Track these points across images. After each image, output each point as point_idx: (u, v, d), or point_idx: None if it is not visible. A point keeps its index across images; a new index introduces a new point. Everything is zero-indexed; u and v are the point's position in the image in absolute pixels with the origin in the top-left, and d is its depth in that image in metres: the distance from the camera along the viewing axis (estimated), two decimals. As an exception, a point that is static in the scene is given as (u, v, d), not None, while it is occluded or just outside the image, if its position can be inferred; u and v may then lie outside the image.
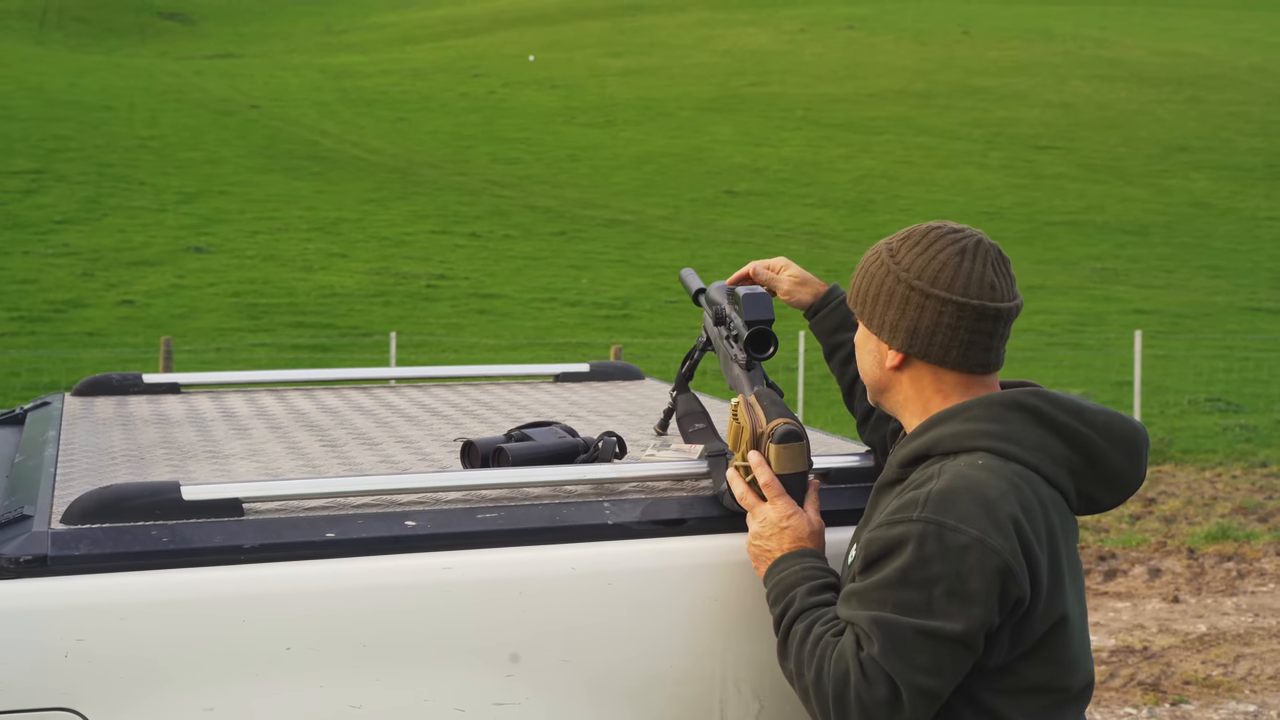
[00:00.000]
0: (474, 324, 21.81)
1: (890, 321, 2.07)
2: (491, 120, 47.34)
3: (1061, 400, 2.04)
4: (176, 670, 1.93)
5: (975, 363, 2.06)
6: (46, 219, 28.98)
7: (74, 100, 45.42)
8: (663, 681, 2.13)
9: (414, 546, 2.05)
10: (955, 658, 1.90)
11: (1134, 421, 2.09)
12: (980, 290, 2.02)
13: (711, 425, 2.51)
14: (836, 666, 1.93)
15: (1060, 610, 1.97)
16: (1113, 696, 6.42)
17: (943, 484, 1.94)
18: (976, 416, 2.01)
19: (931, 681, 1.90)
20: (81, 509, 1.99)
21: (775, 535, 2.11)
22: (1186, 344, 21.02)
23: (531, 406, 3.19)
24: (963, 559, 1.88)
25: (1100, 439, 2.03)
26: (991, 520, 1.89)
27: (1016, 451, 1.98)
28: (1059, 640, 1.98)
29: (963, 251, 2.03)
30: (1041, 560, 1.93)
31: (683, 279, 2.74)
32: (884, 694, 1.90)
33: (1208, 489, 11.57)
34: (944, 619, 1.88)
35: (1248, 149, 46.05)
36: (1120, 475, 2.05)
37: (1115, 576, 8.67)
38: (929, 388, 2.08)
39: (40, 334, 19.66)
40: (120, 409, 3.10)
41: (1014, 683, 1.97)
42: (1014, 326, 2.11)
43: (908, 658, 1.89)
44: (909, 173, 40.92)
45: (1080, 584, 2.07)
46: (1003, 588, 1.89)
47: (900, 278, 2.05)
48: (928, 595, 1.89)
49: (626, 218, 33.76)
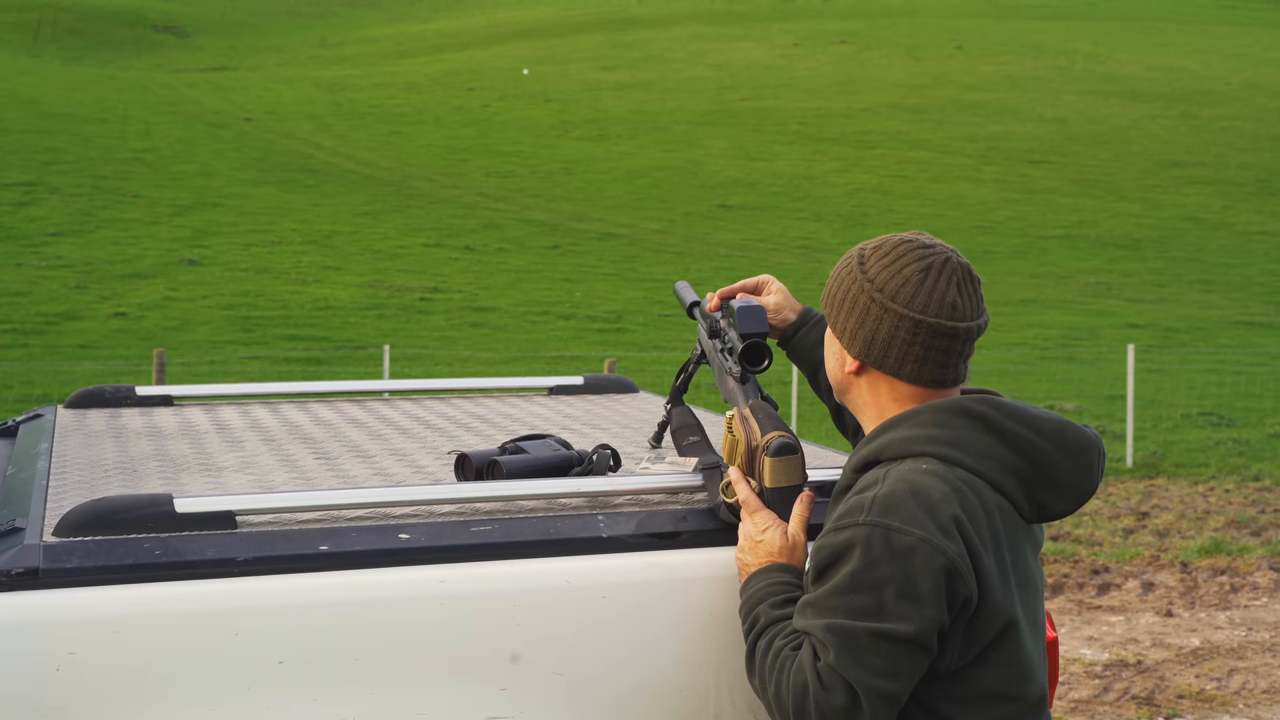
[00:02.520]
0: (467, 337, 21.79)
1: (850, 328, 2.10)
2: (485, 134, 47.38)
3: (1011, 408, 2.05)
4: (169, 683, 1.92)
5: (930, 378, 2.07)
6: (39, 231, 28.94)
7: (68, 113, 45.40)
8: (656, 694, 2.12)
9: (408, 559, 2.04)
10: (911, 659, 1.92)
11: (1086, 430, 2.09)
12: (940, 309, 2.03)
13: (706, 438, 2.51)
14: (795, 679, 1.95)
15: (1008, 614, 1.97)
16: (1106, 711, 6.41)
17: (887, 488, 1.96)
18: (925, 422, 2.03)
19: (889, 684, 1.91)
20: (74, 521, 1.98)
21: (750, 549, 2.13)
22: (1179, 358, 21.04)
23: (526, 419, 3.19)
24: (910, 560, 1.90)
25: (1049, 446, 2.04)
26: (935, 521, 1.91)
27: (962, 457, 1.99)
28: (1010, 645, 1.98)
29: (928, 269, 2.05)
30: (987, 562, 1.94)
31: (677, 292, 2.74)
32: (842, 701, 1.91)
33: (1200, 503, 11.58)
34: (896, 621, 1.90)
35: (1239, 164, 46.17)
36: (1069, 483, 2.05)
37: (1108, 590, 8.66)
38: (885, 395, 2.11)
39: (33, 346, 19.62)
40: (113, 421, 3.09)
41: (968, 690, 1.97)
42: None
43: (863, 662, 1.90)
44: (902, 187, 40.98)
45: (1034, 594, 2.07)
46: (950, 587, 1.91)
47: (864, 288, 2.08)
48: (878, 598, 1.90)
49: (620, 231, 33.77)
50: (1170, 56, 68.26)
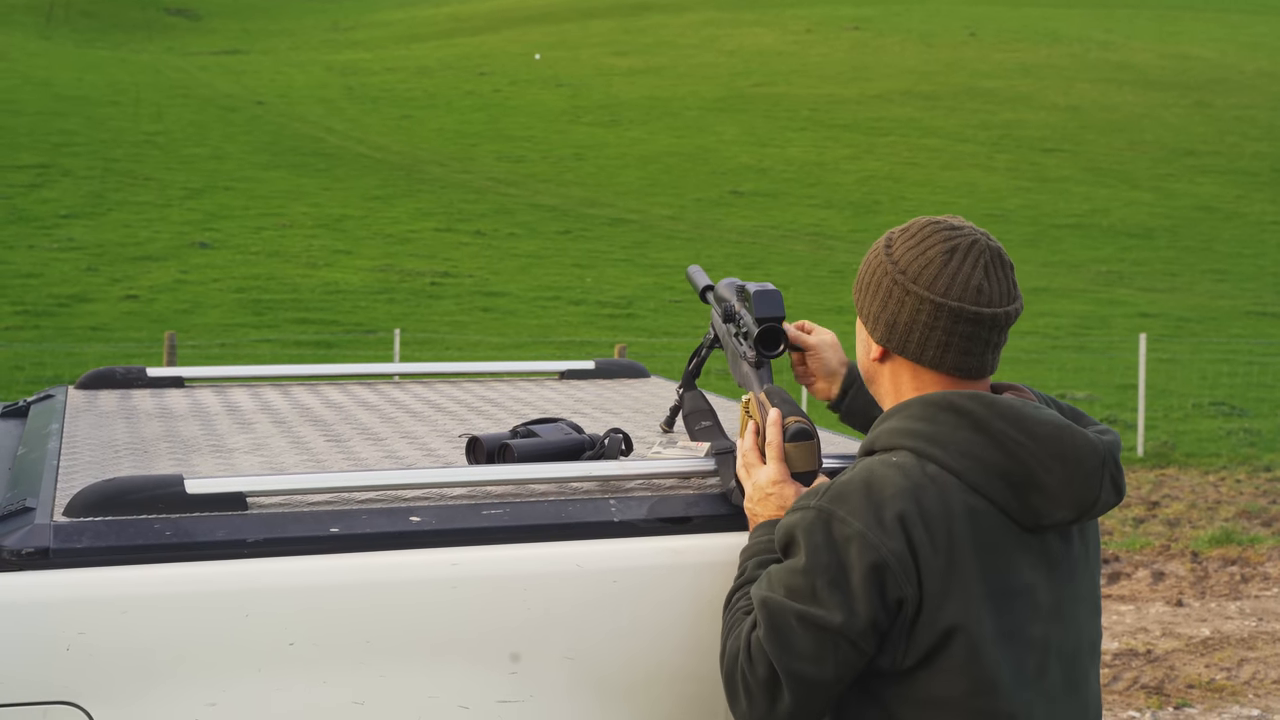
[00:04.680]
0: (478, 322, 21.80)
1: (874, 312, 2.06)
2: (497, 118, 47.34)
3: (1003, 405, 1.95)
4: (179, 664, 1.91)
5: (954, 365, 2.01)
6: (52, 213, 28.99)
7: (80, 95, 45.44)
8: (667, 679, 2.12)
9: (418, 542, 2.03)
10: (836, 649, 1.88)
11: (1089, 438, 1.97)
12: (963, 292, 1.97)
13: (718, 423, 2.50)
14: (733, 644, 1.96)
15: (955, 620, 1.87)
16: (1116, 699, 6.40)
17: (847, 476, 1.95)
18: (912, 415, 1.99)
19: (811, 670, 1.88)
20: (84, 502, 1.98)
21: (762, 500, 2.11)
22: (1191, 348, 20.99)
23: (537, 403, 3.18)
24: (846, 550, 1.88)
25: (1041, 450, 1.92)
26: (876, 516, 1.87)
27: (937, 454, 1.93)
28: (961, 654, 1.87)
29: (952, 250, 2.00)
30: (934, 564, 1.87)
31: (690, 276, 2.73)
32: (763, 675, 1.90)
33: (1211, 493, 11.56)
34: (825, 608, 1.87)
35: (1254, 153, 46.00)
36: (1063, 491, 1.93)
37: (1119, 580, 8.65)
38: (907, 384, 2.06)
39: (44, 328, 19.67)
40: (124, 402, 3.09)
41: (918, 693, 1.91)
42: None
43: (786, 643, 1.89)
44: (914, 174, 40.89)
45: (1026, 607, 1.94)
46: (881, 584, 1.86)
47: (888, 270, 2.04)
48: (813, 583, 1.89)
49: (631, 217, 33.75)
50: (1185, 45, 67.98)
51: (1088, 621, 2.06)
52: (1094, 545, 2.10)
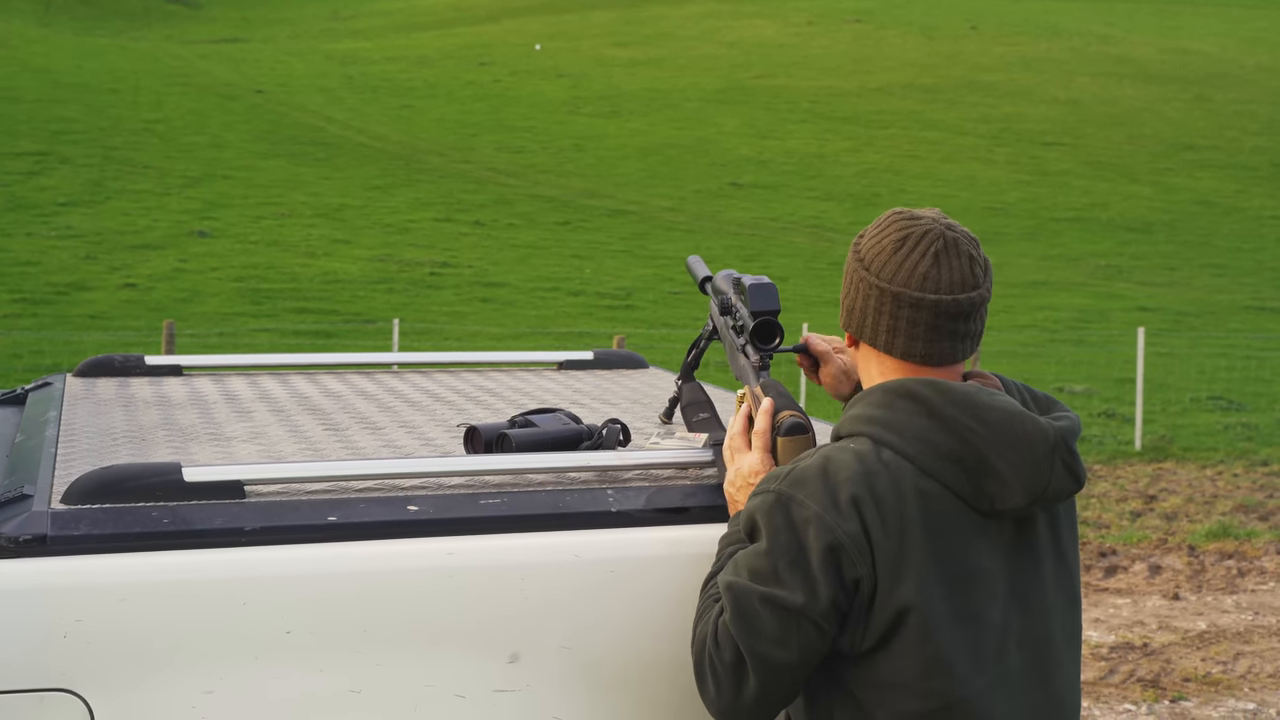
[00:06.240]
0: (477, 312, 21.79)
1: (842, 300, 2.13)
2: (497, 109, 47.28)
3: (956, 392, 1.97)
4: (176, 652, 1.92)
5: (911, 352, 2.03)
6: (50, 201, 28.95)
7: (79, 83, 45.37)
8: (664, 669, 2.12)
9: (416, 531, 2.04)
10: (800, 630, 1.90)
11: (1040, 424, 1.98)
12: (908, 278, 2.00)
13: (716, 415, 2.50)
14: (701, 630, 1.98)
15: (907, 601, 1.89)
16: (1112, 693, 6.41)
17: (807, 461, 1.98)
18: (872, 402, 2.02)
19: (776, 652, 1.90)
20: (82, 489, 1.98)
21: (742, 487, 2.13)
22: (1189, 342, 20.99)
23: (535, 393, 3.18)
24: (805, 532, 1.90)
25: (991, 436, 1.94)
26: (831, 498, 1.91)
27: (893, 440, 1.96)
28: (913, 636, 1.90)
29: (904, 239, 2.02)
30: (886, 546, 1.90)
31: (689, 266, 2.73)
32: (730, 659, 1.92)
33: (1209, 487, 11.56)
34: (787, 589, 1.89)
35: (1253, 148, 45.98)
36: (1014, 476, 1.94)
37: (1115, 573, 8.66)
38: (874, 371, 2.09)
39: (42, 316, 19.65)
40: (122, 390, 3.09)
41: (875, 675, 1.93)
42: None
43: (751, 626, 1.91)
44: (914, 167, 40.87)
45: (984, 592, 1.96)
46: (837, 565, 1.89)
47: (852, 259, 2.10)
48: (774, 564, 1.91)
49: (631, 208, 33.72)
50: (1185, 39, 67.93)
51: (1062, 613, 2.07)
52: (1068, 536, 2.11)
